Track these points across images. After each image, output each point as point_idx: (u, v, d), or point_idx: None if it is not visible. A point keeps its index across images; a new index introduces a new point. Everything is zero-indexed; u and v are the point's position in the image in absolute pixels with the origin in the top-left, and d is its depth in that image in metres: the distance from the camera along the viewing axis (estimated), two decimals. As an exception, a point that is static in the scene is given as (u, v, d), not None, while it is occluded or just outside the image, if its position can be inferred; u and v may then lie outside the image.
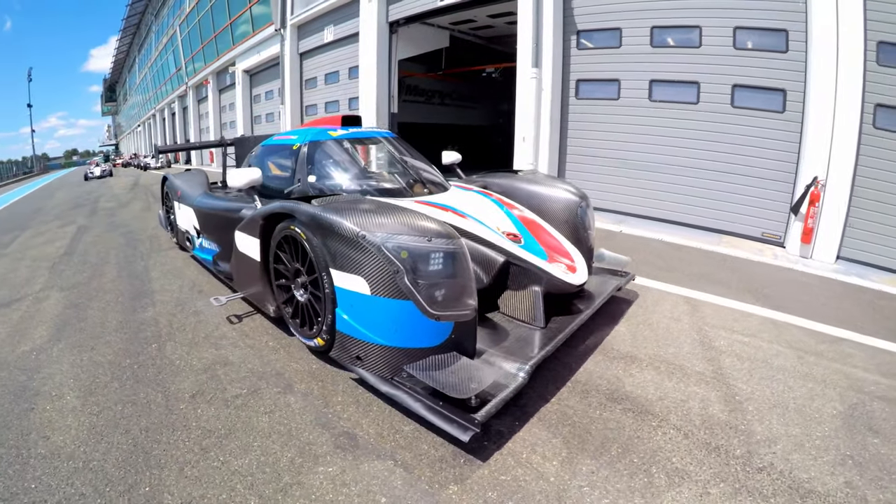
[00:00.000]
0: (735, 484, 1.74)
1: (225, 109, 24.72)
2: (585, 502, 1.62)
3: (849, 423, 2.22)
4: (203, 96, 27.80)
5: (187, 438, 2.12)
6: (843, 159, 6.02)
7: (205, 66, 26.03)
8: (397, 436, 2.02)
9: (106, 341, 3.24)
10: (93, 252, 6.06)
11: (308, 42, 14.87)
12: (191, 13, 27.71)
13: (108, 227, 7.78)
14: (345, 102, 13.74)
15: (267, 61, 17.91)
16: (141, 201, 11.61)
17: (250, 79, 20.50)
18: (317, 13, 13.99)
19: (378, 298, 2.03)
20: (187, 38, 29.07)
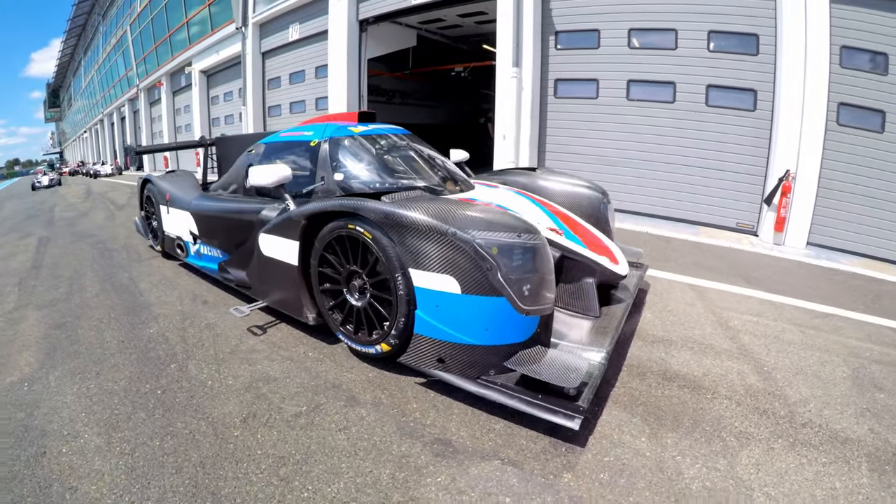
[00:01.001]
0: (790, 438, 1.99)
1: (180, 112, 22.99)
2: (682, 470, 1.75)
3: (857, 382, 2.54)
4: (156, 98, 25.76)
5: (258, 469, 1.81)
6: (811, 154, 6.33)
7: (158, 67, 24.10)
8: (491, 435, 1.95)
9: (112, 365, 2.78)
10: (64, 265, 5.31)
11: (271, 41, 14.06)
12: (143, 12, 25.55)
13: (74, 238, 6.97)
14: (312, 103, 13.08)
15: (226, 61, 16.81)
16: (102, 210, 10.57)
17: (207, 80, 19.19)
18: (281, 11, 13.24)
19: (470, 297, 1.92)
20: (138, 39, 26.84)
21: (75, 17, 40.84)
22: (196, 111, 19.50)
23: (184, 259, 4.48)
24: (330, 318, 2.66)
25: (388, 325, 2.28)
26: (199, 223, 4.01)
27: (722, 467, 1.76)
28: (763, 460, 1.82)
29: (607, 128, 8.16)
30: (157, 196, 4.74)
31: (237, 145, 5.18)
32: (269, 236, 2.88)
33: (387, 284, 2.23)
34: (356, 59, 11.24)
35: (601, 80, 8.02)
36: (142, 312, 3.62)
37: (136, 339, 3.14)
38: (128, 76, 29.95)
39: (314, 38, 12.44)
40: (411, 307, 2.14)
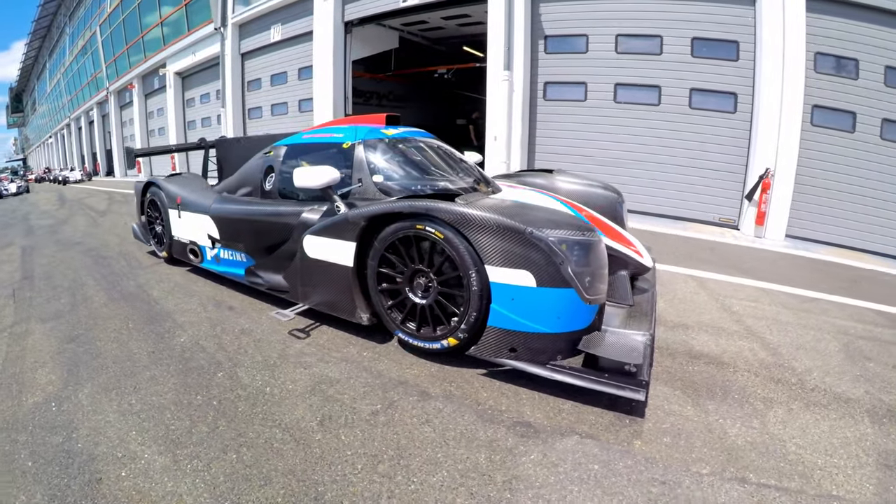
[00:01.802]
0: (804, 401, 2.27)
1: (153, 115, 21.70)
2: (727, 430, 1.97)
3: (849, 355, 2.88)
4: (127, 102, 24.21)
5: (354, 469, 1.73)
6: (788, 152, 6.64)
7: (129, 69, 22.61)
8: (563, 414, 2.06)
9: (149, 378, 2.52)
10: (58, 275, 4.83)
11: (251, 42, 13.51)
12: (114, 12, 23.94)
13: (60, 247, 6.44)
14: (294, 104, 12.65)
15: (203, 62, 16.01)
16: (83, 216, 9.83)
17: (182, 81, 18.22)
18: (262, 11, 12.73)
19: (544, 289, 2.05)
20: (108, 40, 25.11)
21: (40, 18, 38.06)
22: (171, 114, 18.51)
23: (197, 264, 4.23)
24: (388, 318, 2.63)
25: (457, 320, 2.32)
26: (222, 227, 3.80)
27: (756, 426, 2.02)
28: (787, 419, 2.10)
29: (596, 129, 8.30)
30: (166, 200, 4.46)
31: (239, 147, 4.99)
32: (319, 238, 2.80)
33: (458, 282, 2.28)
34: (342, 61, 10.95)
35: (589, 83, 8.15)
36: (163, 321, 3.34)
37: (168, 349, 2.88)
38: (97, 79, 28.11)
39: (297, 40, 12.07)
40: (483, 302, 2.20)
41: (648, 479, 1.63)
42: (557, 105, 8.60)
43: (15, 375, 2.70)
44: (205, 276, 4.33)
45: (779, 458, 1.77)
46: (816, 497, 1.56)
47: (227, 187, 4.38)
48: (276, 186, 3.68)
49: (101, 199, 13.81)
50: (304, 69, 11.97)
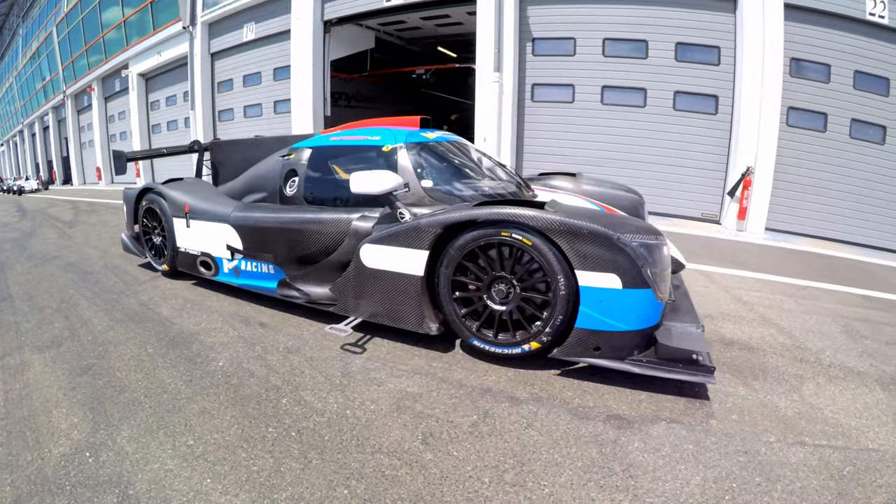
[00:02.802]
0: (826, 375, 2.63)
1: (113, 119, 20.26)
2: (777, 404, 2.29)
3: (849, 334, 3.28)
4: (85, 105, 22.52)
5: (482, 483, 1.73)
6: (767, 151, 7.10)
7: (89, 71, 20.99)
8: (644, 404, 2.23)
9: (200, 411, 2.23)
10: (41, 294, 4.32)
11: (222, 41, 12.92)
12: (72, 11, 22.06)
13: (35, 262, 5.99)
14: (269, 106, 12.21)
15: (169, 63, 15.15)
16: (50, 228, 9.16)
17: (146, 83, 17.14)
18: (234, 9, 12.16)
19: (628, 290, 2.20)
20: (66, 41, 23.15)
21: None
22: (134, 117, 17.34)
23: (209, 277, 3.96)
24: (463, 326, 2.60)
25: (541, 324, 2.40)
26: (248, 236, 3.56)
27: (797, 398, 2.34)
28: (817, 391, 2.43)
29: (583, 130, 8.53)
30: (169, 208, 4.14)
31: (238, 150, 4.77)
32: (381, 247, 2.71)
33: (542, 287, 2.37)
34: (321, 61, 10.65)
35: (577, 85, 8.38)
36: (189, 344, 3.03)
37: (208, 376, 2.59)
38: (52, 82, 25.91)
39: (273, 39, 11.68)
40: (570, 305, 2.30)
41: (734, 450, 1.86)
42: (545, 106, 8.77)
43: (25, 420, 2.27)
44: (216, 290, 4.04)
45: (822, 423, 2.08)
46: (859, 451, 1.90)
47: (230, 193, 4.16)
48: (300, 192, 3.51)
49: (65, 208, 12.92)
50: (280, 69, 11.61)
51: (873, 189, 7.31)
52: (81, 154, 24.03)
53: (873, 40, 7.05)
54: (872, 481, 1.74)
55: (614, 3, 7.83)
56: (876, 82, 7.18)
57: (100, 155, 21.02)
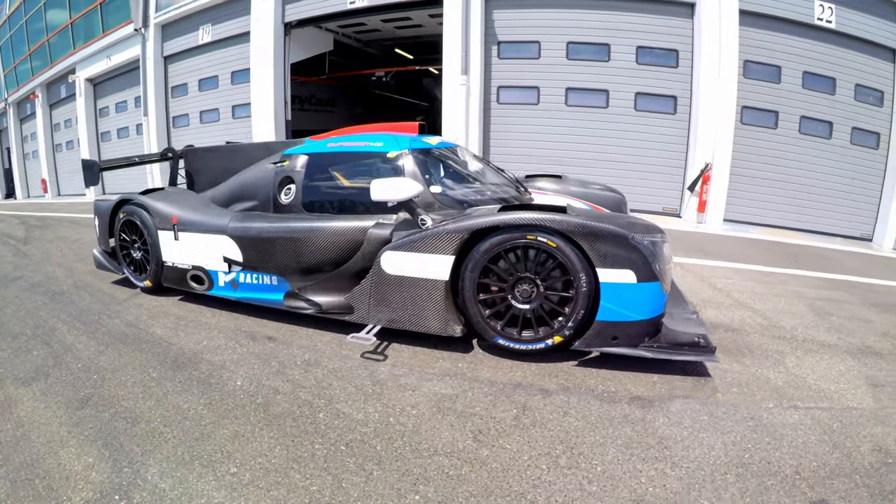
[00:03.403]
0: (803, 349, 2.99)
1: (59, 127, 19.02)
2: (768, 376, 2.60)
3: (816, 313, 3.68)
4: (28, 114, 20.93)
5: (541, 469, 1.85)
6: (724, 148, 7.70)
7: (32, 77, 19.56)
8: (658, 385, 2.46)
9: (232, 435, 2.12)
10: (10, 320, 3.95)
11: (177, 43, 12.52)
12: (14, 14, 20.50)
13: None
14: (227, 111, 11.90)
15: (120, 67, 14.42)
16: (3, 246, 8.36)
17: (95, 89, 16.21)
18: (189, 11, 11.80)
19: (642, 284, 2.44)
20: (8, 45, 21.48)
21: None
22: (82, 125, 16.38)
23: (201, 292, 3.85)
24: (487, 326, 2.73)
25: (563, 319, 2.59)
26: (250, 248, 3.50)
27: (783, 370, 2.65)
28: (799, 363, 2.76)
29: (548, 131, 8.89)
30: (152, 220, 4.00)
31: (215, 158, 4.71)
32: (404, 254, 2.78)
33: (565, 285, 2.57)
34: (282, 64, 10.53)
35: (542, 87, 8.73)
36: (195, 364, 2.90)
37: (229, 396, 2.47)
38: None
39: (231, 41, 11.45)
40: (590, 300, 2.51)
41: (741, 417, 2.13)
42: (511, 108, 9.07)
43: (29, 465, 2.02)
44: (209, 305, 3.91)
45: (808, 389, 2.40)
46: (842, 410, 2.21)
47: (212, 202, 4.10)
48: (298, 199, 3.51)
49: (13, 224, 11.89)
50: (239, 72, 11.40)
51: (821, 180, 8.12)
52: (25, 166, 22.30)
53: (821, 43, 7.86)
54: (858, 433, 2.04)
55: (577, 8, 8.25)
56: (823, 82, 7.99)
57: (45, 166, 19.63)
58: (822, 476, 1.76)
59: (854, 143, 8.15)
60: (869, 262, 6.35)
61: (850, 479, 1.75)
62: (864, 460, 1.87)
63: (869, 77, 8.15)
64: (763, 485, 1.70)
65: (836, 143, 8.06)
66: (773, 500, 1.63)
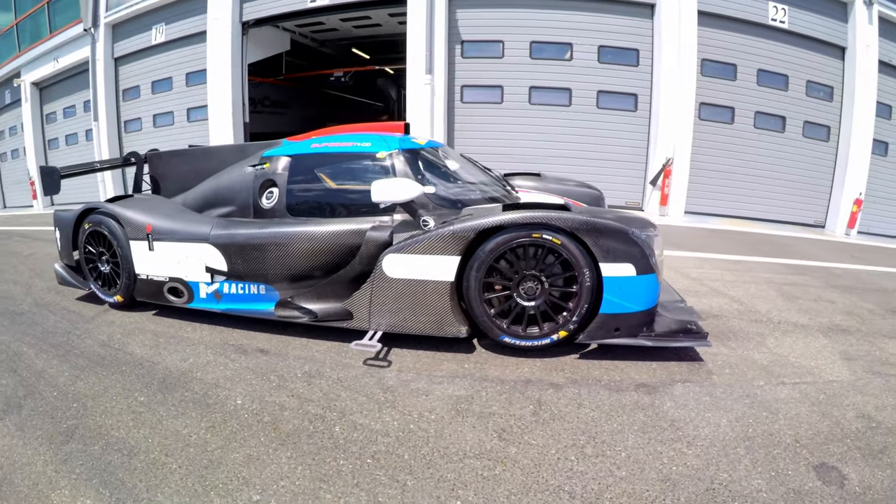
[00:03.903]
0: (780, 331, 3.24)
1: (3, 136, 17.83)
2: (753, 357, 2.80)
3: (785, 297, 3.98)
4: None
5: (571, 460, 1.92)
6: (684, 143, 8.14)
7: None
8: (658, 371, 2.61)
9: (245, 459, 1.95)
10: None
11: (128, 44, 11.99)
12: None
13: None
14: (182, 114, 11.49)
15: (68, 70, 13.70)
16: None
17: (41, 93, 15.30)
18: (142, 9, 11.33)
19: (641, 276, 2.56)
20: None
21: None
22: (28, 132, 15.43)
23: (180, 305, 3.66)
24: (493, 325, 2.77)
25: (568, 314, 2.66)
26: (236, 256, 3.37)
27: (766, 351, 2.87)
28: (778, 343, 3.00)
29: (512, 129, 9.07)
30: (126, 229, 3.78)
31: (180, 161, 4.57)
32: (407, 256, 2.77)
33: (568, 281, 2.64)
34: (239, 64, 10.28)
35: (506, 86, 8.95)
36: (187, 384, 2.69)
37: (233, 417, 2.30)
38: None
39: (185, 41, 11.09)
40: (594, 294, 2.60)
41: (738, 396, 2.30)
42: (475, 107, 9.24)
43: None
44: (188, 319, 3.72)
45: (791, 367, 2.62)
46: (824, 383, 2.43)
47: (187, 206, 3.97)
48: (282, 203, 3.44)
49: None
50: (194, 74, 11.05)
51: (776, 171, 8.75)
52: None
53: (774, 42, 8.48)
54: (841, 402, 2.23)
55: (540, 8, 8.49)
56: (776, 79, 8.63)
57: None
58: (818, 442, 1.92)
59: (806, 136, 8.85)
60: (824, 248, 6.87)
61: (842, 444, 1.92)
62: (851, 426, 2.04)
63: (819, 74, 8.86)
64: (770, 454, 1.84)
65: (789, 136, 8.70)
66: (782, 467, 1.77)
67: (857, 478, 1.73)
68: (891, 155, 9.59)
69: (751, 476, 1.72)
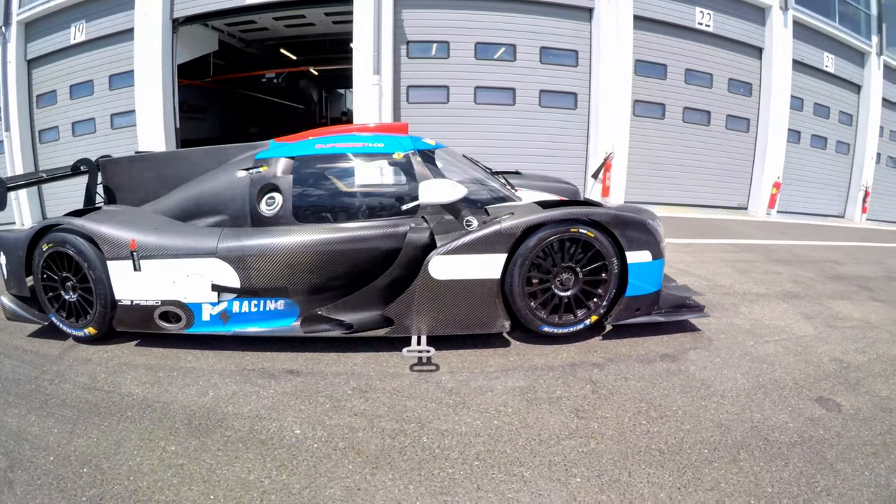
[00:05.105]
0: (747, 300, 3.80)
1: None
2: (737, 323, 3.31)
3: (740, 272, 4.61)
4: None
5: (642, 426, 2.15)
6: (621, 138, 8.96)
7: None
8: (671, 343, 3.00)
9: (342, 492, 1.80)
10: None
11: (44, 44, 10.88)
12: None
13: None
14: (105, 120, 10.63)
15: None
16: None
17: None
18: (59, 6, 10.31)
19: (655, 261, 2.94)
20: None
21: None
22: None
23: (175, 331, 3.24)
24: (535, 317, 2.94)
25: (598, 300, 2.96)
26: (252, 270, 3.12)
27: (744, 317, 3.41)
28: (750, 310, 3.55)
29: (459, 128, 9.37)
30: (104, 247, 3.29)
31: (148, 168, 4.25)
32: (456, 257, 2.85)
33: (598, 270, 2.93)
34: (170, 65, 9.71)
35: (451, 86, 9.30)
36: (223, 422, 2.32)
37: (301, 451, 2.05)
38: None
39: (109, 40, 10.29)
40: (620, 280, 2.93)
41: (739, 354, 2.76)
42: (422, 107, 9.46)
43: None
44: (183, 346, 3.25)
45: (767, 328, 3.14)
46: (797, 337, 2.96)
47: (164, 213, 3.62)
48: (288, 210, 3.27)
49: None
50: (118, 76, 10.29)
51: (703, 161, 9.93)
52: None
53: (700, 44, 9.62)
54: (815, 351, 2.76)
55: (485, 10, 8.91)
56: (702, 77, 9.82)
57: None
58: (810, 382, 2.39)
59: (729, 128, 10.13)
60: (754, 227, 7.91)
61: (828, 381, 2.41)
62: (828, 368, 2.55)
63: (740, 72, 10.17)
64: (781, 396, 2.28)
65: (714, 128, 9.93)
66: (793, 403, 2.21)
67: (848, 404, 2.20)
68: (803, 142, 11.31)
69: (776, 413, 2.12)
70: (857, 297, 4.02)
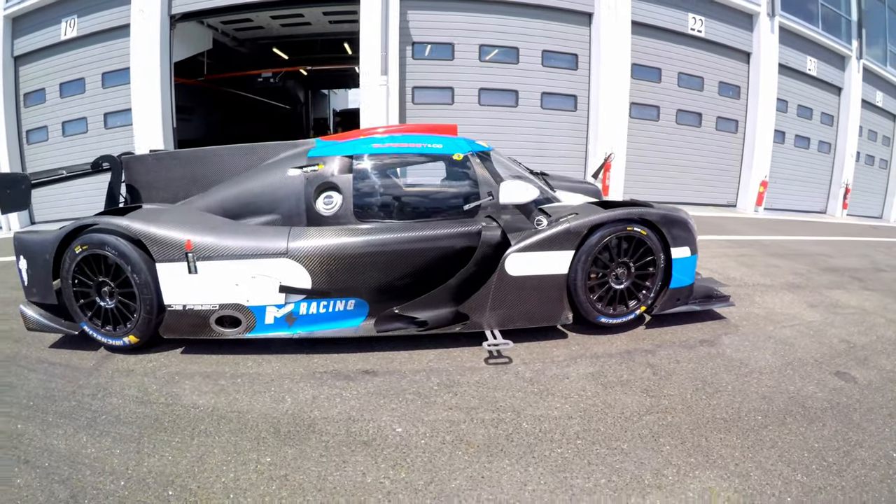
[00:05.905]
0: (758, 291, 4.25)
1: None
2: (755, 311, 3.71)
3: (744, 265, 5.10)
4: None
5: (702, 399, 2.42)
6: (620, 139, 9.46)
7: None
8: (703, 330, 3.34)
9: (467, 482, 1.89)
10: None
11: (32, 40, 10.67)
12: None
13: None
14: (97, 120, 10.52)
15: None
16: None
17: None
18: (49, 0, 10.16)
19: (692, 256, 3.28)
20: None
21: None
22: None
23: (235, 336, 3.13)
24: (594, 308, 3.20)
25: (646, 292, 3.25)
26: (326, 269, 3.11)
27: (759, 306, 3.81)
28: (762, 300, 3.96)
29: (464, 129, 9.55)
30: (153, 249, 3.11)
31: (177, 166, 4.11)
32: (531, 254, 3.07)
33: (647, 265, 3.22)
34: (168, 63, 9.72)
35: (456, 88, 9.64)
36: (314, 427, 2.27)
37: (410, 448, 2.11)
38: None
39: (101, 36, 10.20)
40: (665, 273, 3.24)
41: (763, 338, 3.15)
42: (427, 108, 9.76)
43: None
44: (237, 352, 3.12)
45: (781, 315, 3.54)
46: (808, 322, 3.40)
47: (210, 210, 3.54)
48: (349, 209, 3.33)
49: None
50: (111, 73, 10.21)
51: (694, 160, 10.55)
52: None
53: (693, 49, 10.24)
54: (826, 333, 3.21)
55: (488, 13, 9.28)
56: (694, 80, 10.44)
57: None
58: (827, 359, 2.82)
59: (718, 129, 10.78)
60: (742, 223, 8.50)
61: (841, 358, 2.84)
62: (839, 347, 3.00)
63: (729, 75, 10.83)
64: (807, 371, 2.69)
65: (704, 129, 10.56)
66: (818, 377, 2.62)
67: (861, 376, 2.64)
68: (787, 142, 12.09)
69: (806, 385, 2.53)
70: (851, 287, 4.54)
